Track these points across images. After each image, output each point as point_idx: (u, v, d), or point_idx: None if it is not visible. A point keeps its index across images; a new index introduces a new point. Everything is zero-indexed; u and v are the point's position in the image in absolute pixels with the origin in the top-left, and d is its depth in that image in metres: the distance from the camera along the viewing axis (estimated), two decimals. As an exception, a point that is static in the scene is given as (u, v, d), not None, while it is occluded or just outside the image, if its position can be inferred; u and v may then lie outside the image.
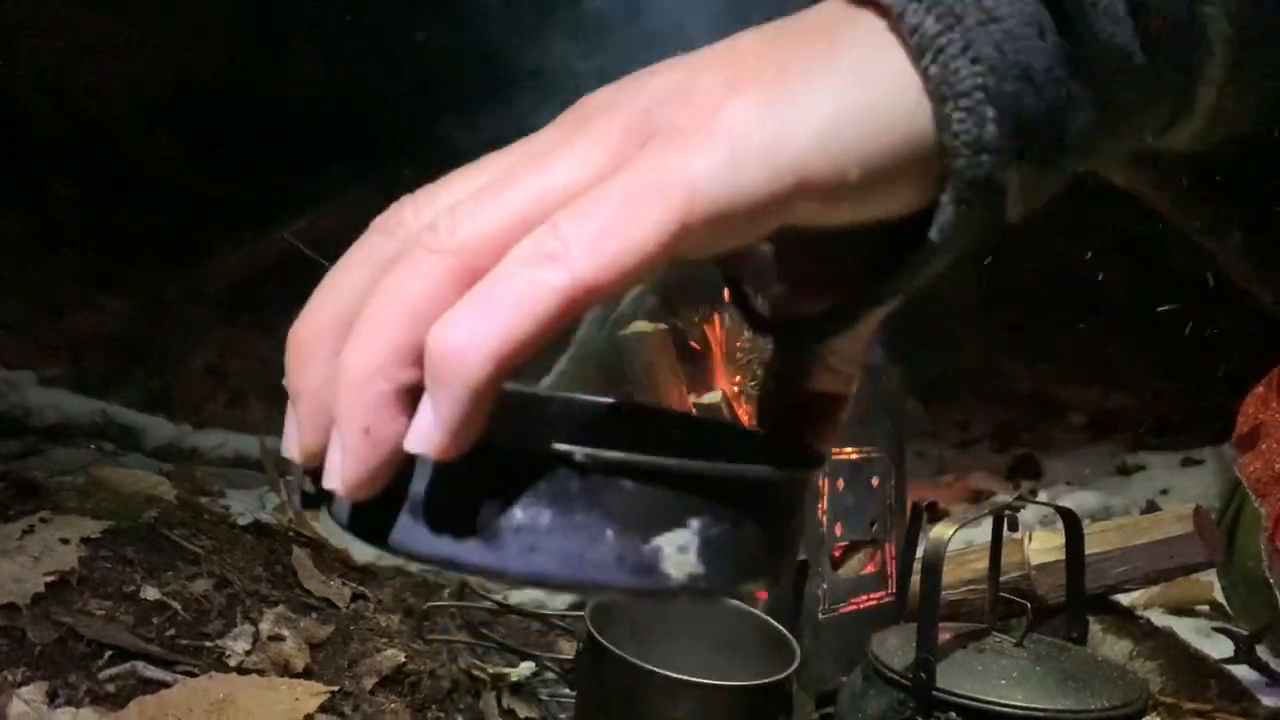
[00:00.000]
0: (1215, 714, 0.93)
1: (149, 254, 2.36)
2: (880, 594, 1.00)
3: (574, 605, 1.14)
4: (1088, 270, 2.70)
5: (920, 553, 0.67)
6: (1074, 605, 0.74)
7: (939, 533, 0.66)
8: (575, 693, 0.76)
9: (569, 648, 0.94)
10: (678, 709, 0.67)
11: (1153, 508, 1.72)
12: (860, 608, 0.98)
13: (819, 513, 0.95)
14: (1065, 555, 0.75)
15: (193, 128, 2.53)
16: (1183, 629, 1.11)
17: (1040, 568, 1.05)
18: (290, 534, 1.07)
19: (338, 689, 0.79)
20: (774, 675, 0.70)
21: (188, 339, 2.17)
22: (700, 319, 1.18)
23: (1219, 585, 1.31)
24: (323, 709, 0.76)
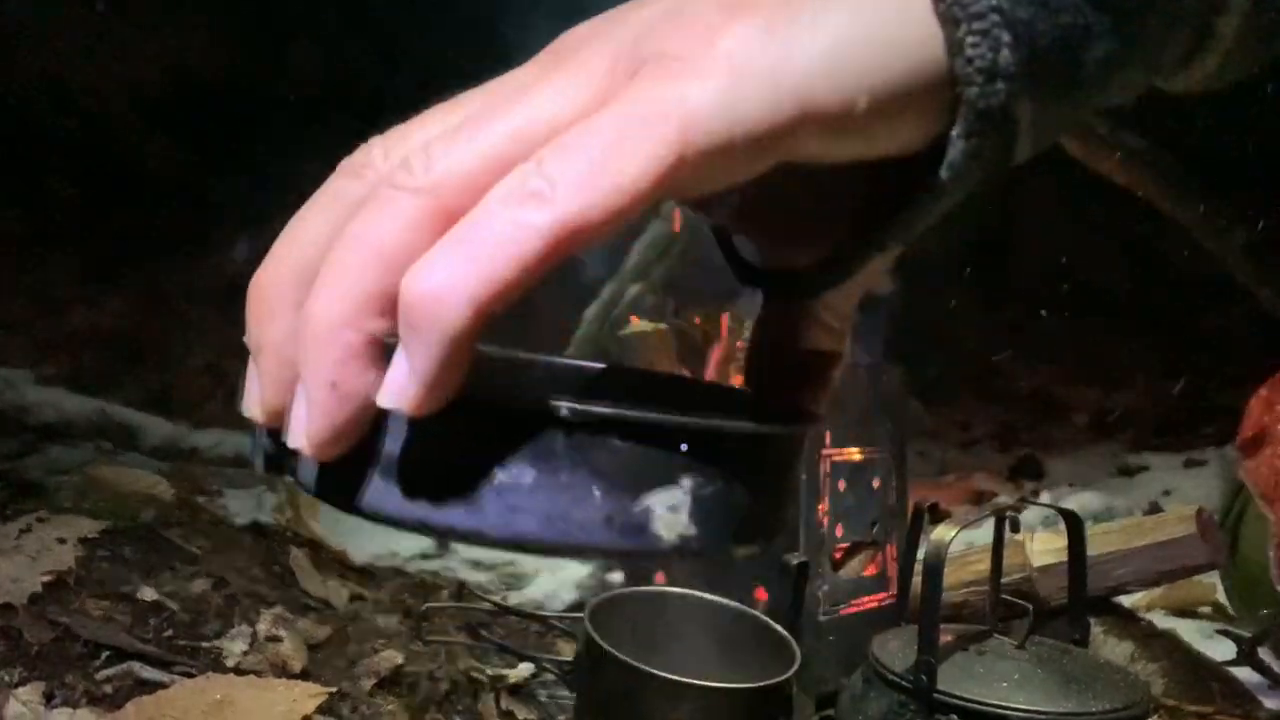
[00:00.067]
0: (1217, 716, 0.93)
1: (148, 252, 2.36)
2: (881, 595, 1.00)
3: (573, 606, 1.14)
4: (1090, 270, 2.70)
5: (921, 554, 0.67)
6: (1076, 607, 0.73)
7: (940, 534, 0.65)
8: (574, 694, 0.76)
9: (568, 649, 0.94)
10: (677, 711, 0.67)
11: (1155, 509, 1.71)
12: (861, 609, 0.98)
13: (819, 514, 0.94)
14: (1067, 557, 0.74)
15: (192, 126, 2.53)
16: (1185, 631, 1.11)
17: (1042, 569, 1.04)
18: (288, 534, 1.07)
19: (335, 690, 0.79)
20: (774, 677, 0.69)
21: (187, 338, 2.17)
22: (701, 319, 1.18)
23: (1221, 587, 1.30)
24: (320, 710, 0.76)
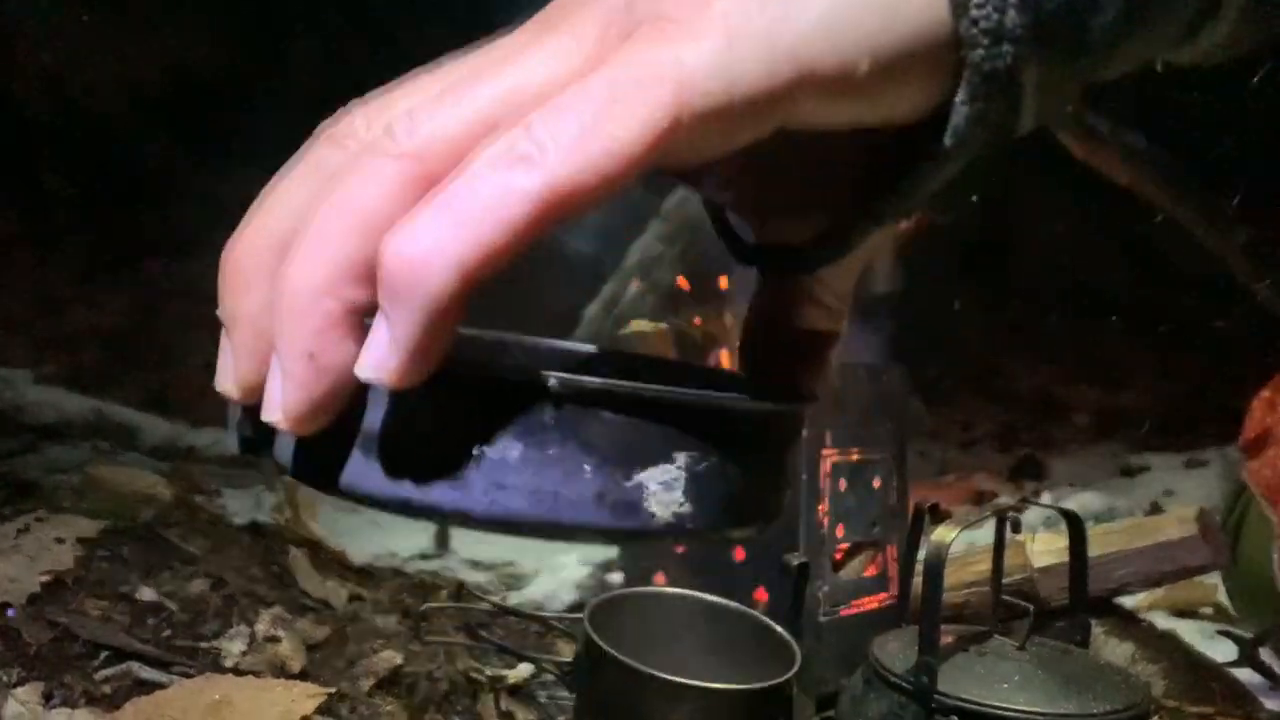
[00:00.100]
0: (1217, 718, 0.93)
1: (147, 252, 2.36)
2: (882, 596, 1.00)
3: (573, 607, 1.14)
4: (1091, 270, 2.69)
5: (922, 555, 0.66)
6: (1076, 608, 0.73)
7: (941, 535, 0.65)
8: (574, 695, 0.76)
9: (568, 650, 0.93)
10: (677, 712, 0.67)
11: (1157, 509, 1.71)
12: (861, 610, 0.98)
13: (820, 514, 0.94)
14: (1068, 558, 0.74)
15: (192, 126, 2.53)
16: (1186, 632, 1.11)
17: (1043, 570, 1.04)
18: (287, 534, 1.07)
19: (334, 690, 0.78)
20: (774, 678, 0.69)
21: (185, 338, 2.16)
22: (702, 318, 1.18)
23: (1223, 588, 1.30)
24: (319, 711, 0.75)
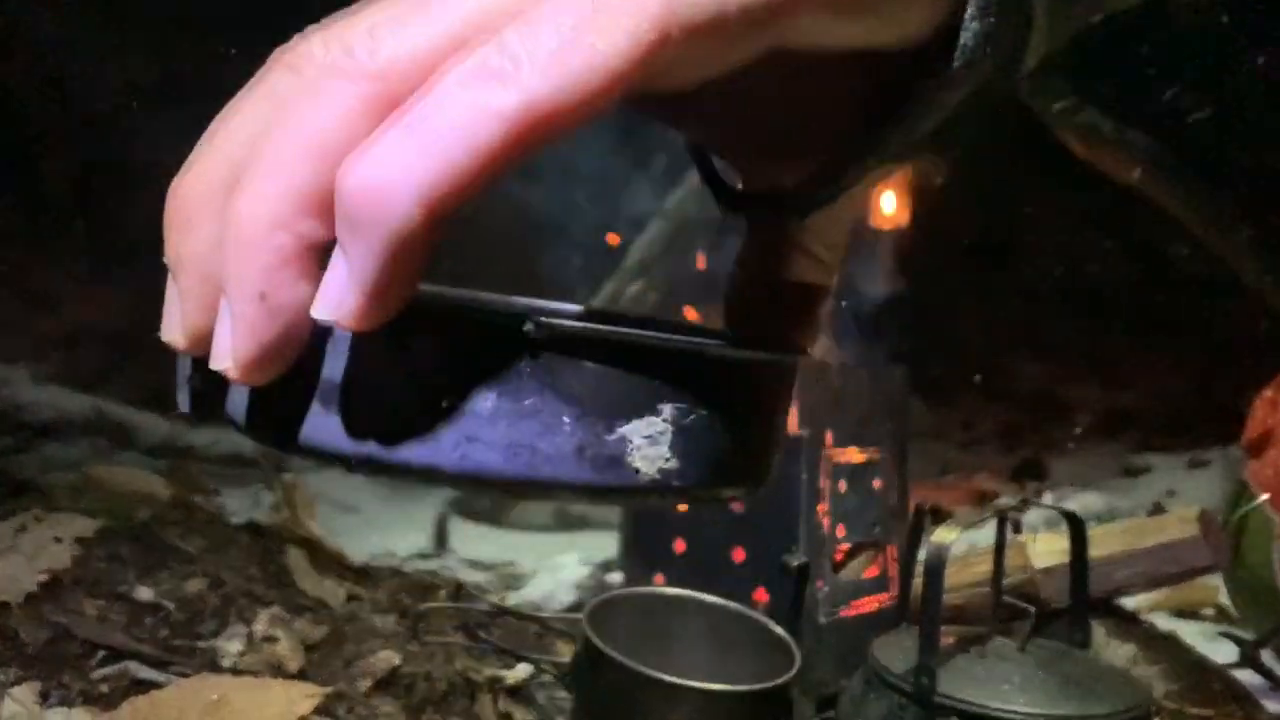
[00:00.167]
0: (1218, 719, 0.93)
1: (145, 249, 2.36)
2: (882, 597, 1.00)
3: (571, 607, 1.13)
4: (1093, 269, 2.69)
5: (923, 555, 0.66)
6: (1077, 609, 0.73)
7: (942, 535, 0.65)
8: (572, 696, 0.76)
9: (566, 650, 0.93)
10: (676, 713, 0.66)
11: (1159, 510, 1.71)
12: (862, 611, 0.98)
13: (820, 515, 0.94)
14: (1069, 559, 0.74)
15: (192, 124, 2.52)
16: (1187, 633, 1.10)
17: (1044, 571, 1.04)
18: (285, 534, 1.06)
19: (332, 690, 0.78)
20: (774, 679, 0.69)
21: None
22: (701, 316, 1.18)
23: (1224, 589, 1.30)
24: (317, 710, 0.75)
